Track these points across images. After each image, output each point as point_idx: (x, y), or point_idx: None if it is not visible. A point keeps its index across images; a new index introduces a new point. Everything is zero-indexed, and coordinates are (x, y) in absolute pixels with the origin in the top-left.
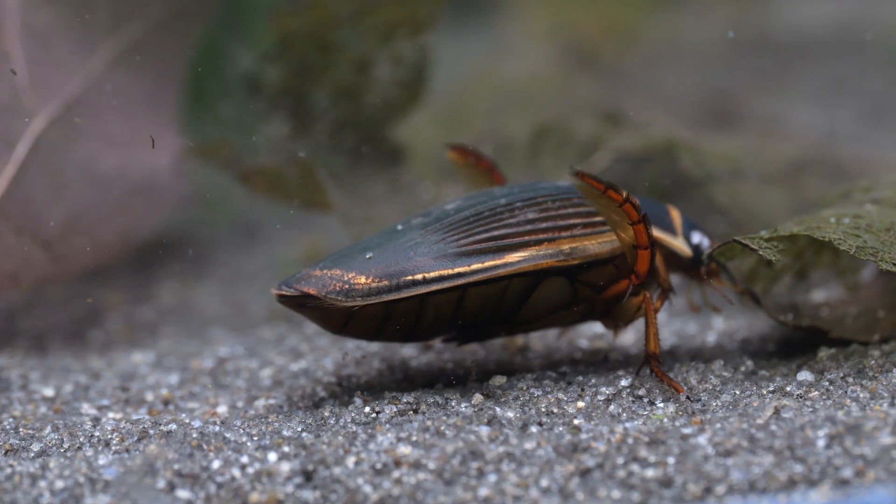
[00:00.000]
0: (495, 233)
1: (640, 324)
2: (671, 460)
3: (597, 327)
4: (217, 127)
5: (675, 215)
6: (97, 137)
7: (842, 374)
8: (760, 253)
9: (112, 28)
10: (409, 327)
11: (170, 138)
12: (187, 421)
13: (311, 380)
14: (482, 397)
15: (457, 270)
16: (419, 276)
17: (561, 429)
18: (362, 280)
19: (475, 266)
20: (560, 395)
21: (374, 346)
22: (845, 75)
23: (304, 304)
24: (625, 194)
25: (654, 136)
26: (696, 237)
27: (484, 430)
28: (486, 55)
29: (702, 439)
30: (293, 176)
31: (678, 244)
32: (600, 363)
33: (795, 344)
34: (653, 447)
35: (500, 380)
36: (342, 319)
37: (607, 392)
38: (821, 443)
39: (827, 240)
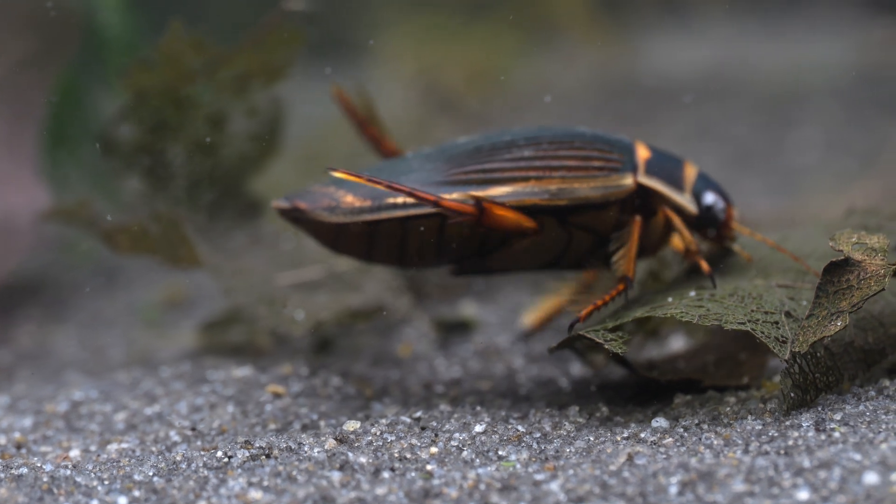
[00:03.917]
0: (486, 166)
1: (499, 370)
2: None
3: (454, 371)
4: (77, 169)
5: (690, 172)
6: None
7: (696, 421)
8: (606, 347)
9: None
10: (396, 251)
11: (27, 180)
12: (39, 464)
13: (165, 424)
14: (335, 442)
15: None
16: (399, 200)
17: (413, 474)
18: (349, 199)
19: (455, 195)
20: (413, 441)
21: (229, 391)
22: (711, 121)
23: (297, 219)
24: None
25: None
26: (710, 198)
27: (336, 476)
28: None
29: (554, 486)
30: (158, 232)
31: (680, 200)
32: (455, 409)
33: (651, 390)
34: (505, 493)
35: (353, 425)
36: (332, 235)
37: (461, 438)
38: (673, 490)
39: (669, 315)
